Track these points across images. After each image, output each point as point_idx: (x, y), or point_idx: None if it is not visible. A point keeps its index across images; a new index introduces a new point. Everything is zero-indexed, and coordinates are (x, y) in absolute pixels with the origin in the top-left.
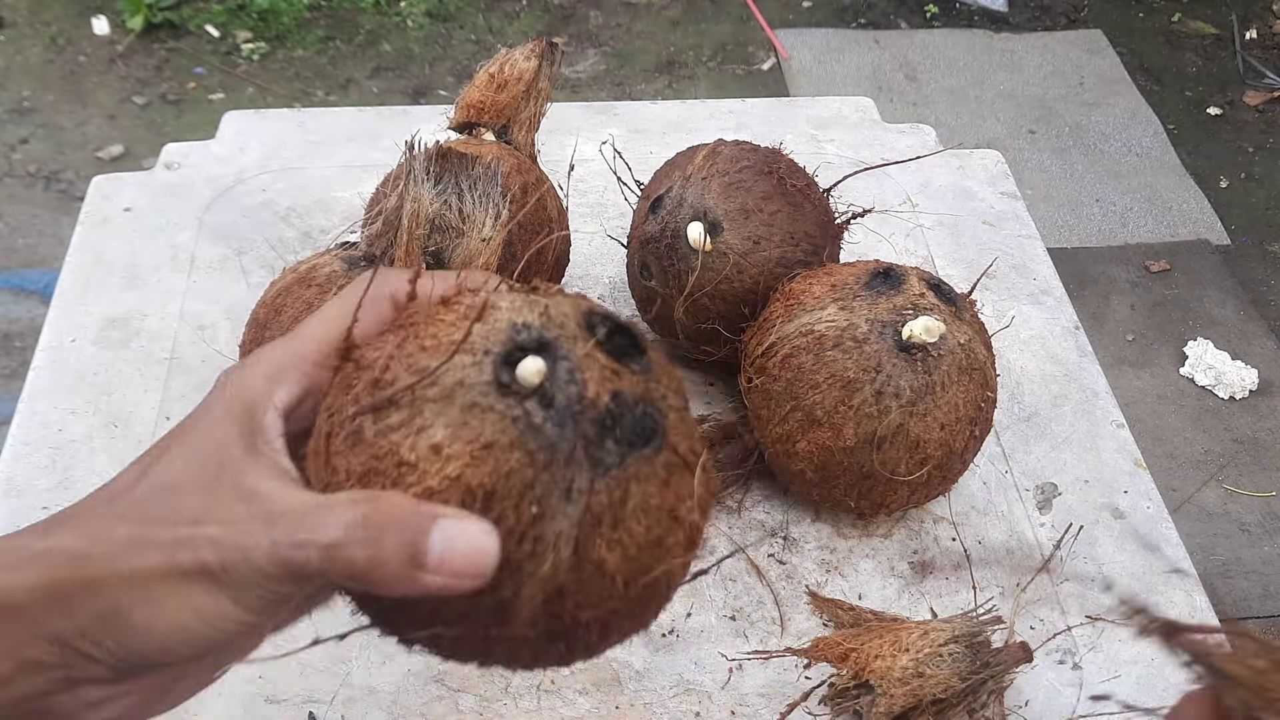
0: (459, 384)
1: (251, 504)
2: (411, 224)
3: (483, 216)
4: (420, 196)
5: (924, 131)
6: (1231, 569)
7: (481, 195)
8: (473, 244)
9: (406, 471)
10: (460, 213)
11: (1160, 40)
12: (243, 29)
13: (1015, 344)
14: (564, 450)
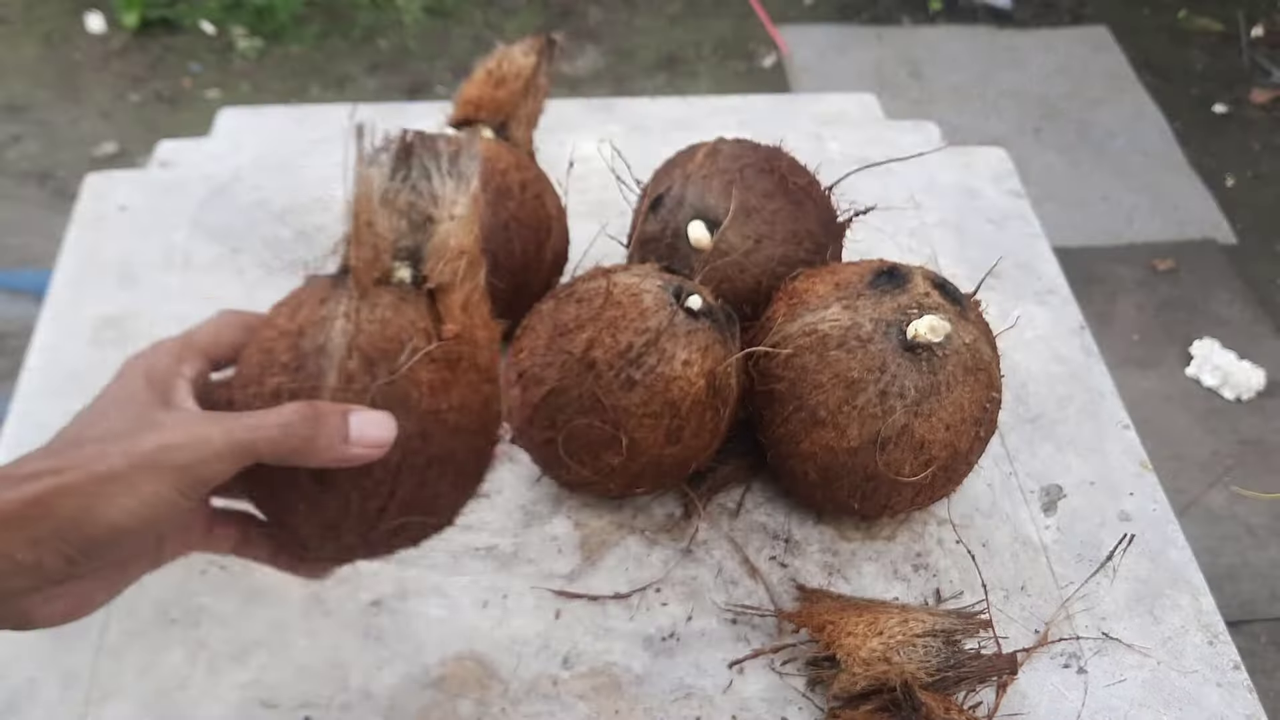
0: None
1: (188, 419)
2: (361, 211)
3: (452, 192)
4: (369, 178)
5: (928, 129)
6: (1238, 571)
7: (450, 170)
8: (445, 227)
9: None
10: (431, 197)
11: (1166, 38)
12: (238, 26)
13: (1020, 344)
14: None
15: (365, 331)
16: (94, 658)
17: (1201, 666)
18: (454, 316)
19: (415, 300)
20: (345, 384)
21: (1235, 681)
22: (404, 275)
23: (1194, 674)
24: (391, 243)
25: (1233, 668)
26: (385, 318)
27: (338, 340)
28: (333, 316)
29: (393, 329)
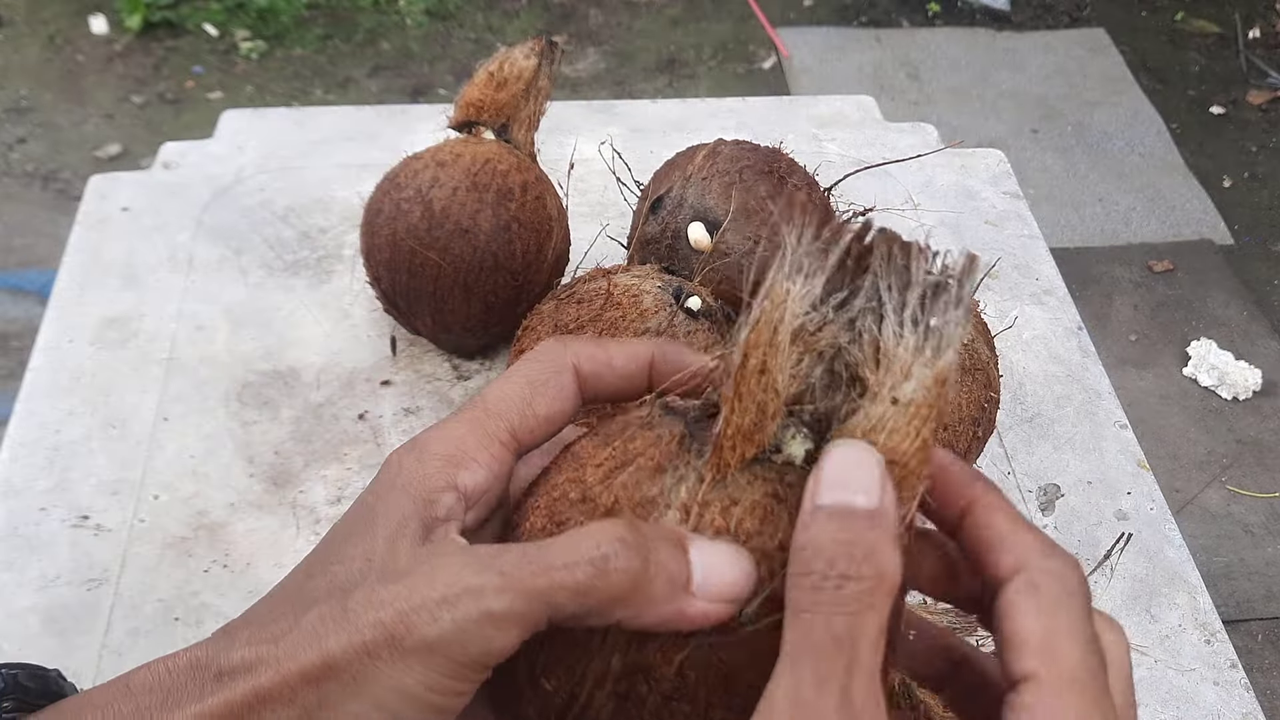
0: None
1: (445, 566)
2: (757, 348)
3: (914, 351)
4: (785, 294)
5: (926, 130)
6: (1235, 570)
7: (920, 311)
8: (880, 409)
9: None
10: (873, 346)
11: (1163, 39)
12: (241, 28)
13: (1018, 344)
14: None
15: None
16: (98, 656)
17: (1198, 665)
18: None
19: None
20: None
21: (1232, 680)
22: (795, 452)
23: (1191, 672)
24: (786, 400)
25: (1229, 666)
26: (746, 527)
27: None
28: (664, 502)
29: (756, 545)
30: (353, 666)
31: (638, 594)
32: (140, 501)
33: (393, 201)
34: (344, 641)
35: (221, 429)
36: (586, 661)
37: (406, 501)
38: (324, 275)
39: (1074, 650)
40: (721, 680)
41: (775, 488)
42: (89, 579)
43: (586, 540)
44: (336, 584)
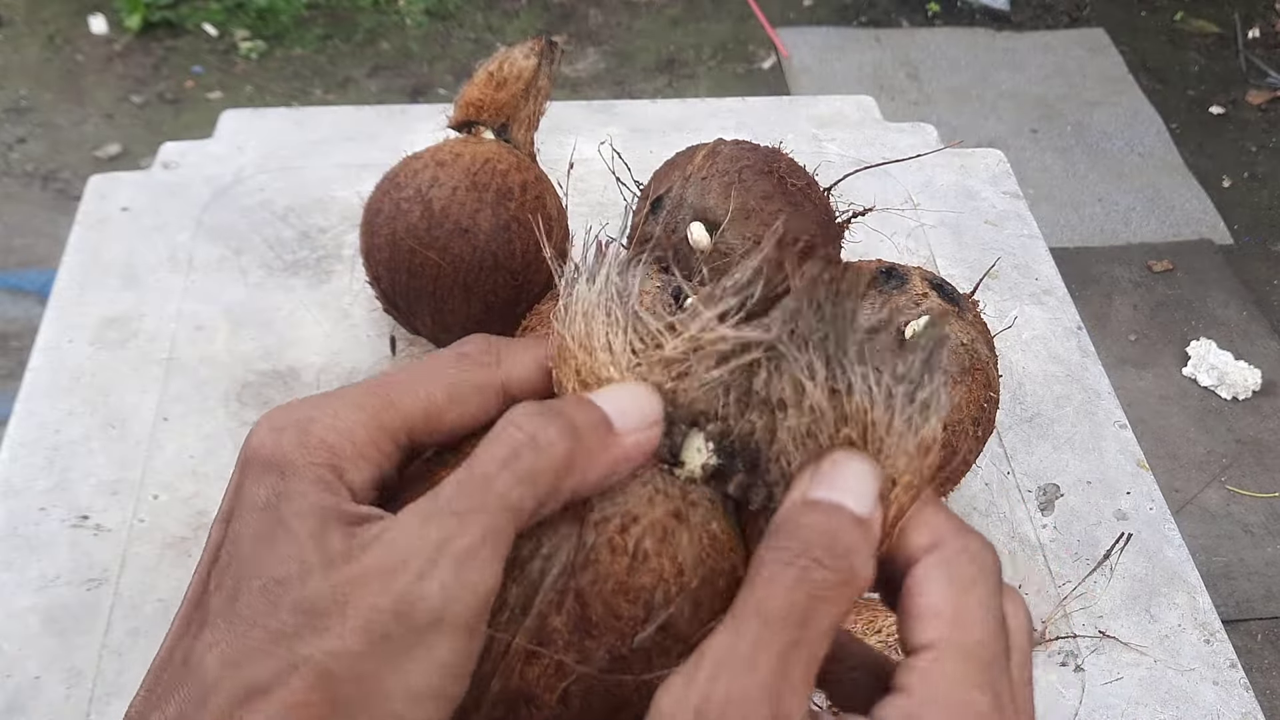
0: None
1: (395, 534)
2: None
3: (890, 417)
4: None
5: (926, 130)
6: (1234, 570)
7: (897, 377)
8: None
9: None
10: (833, 396)
11: (1163, 39)
12: (241, 28)
13: (1017, 344)
14: None
15: (599, 562)
16: (98, 656)
17: (1198, 665)
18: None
19: (705, 515)
20: (530, 650)
21: (1231, 680)
22: (694, 463)
23: (1191, 672)
24: (691, 414)
25: (1229, 666)
26: (645, 547)
27: (556, 561)
28: (559, 518)
29: (654, 566)
30: (356, 674)
31: (576, 454)
32: (140, 501)
33: (392, 201)
34: (338, 641)
35: (221, 429)
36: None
37: (314, 489)
38: (324, 275)
39: (982, 624)
40: (607, 709)
41: (677, 506)
42: (89, 579)
43: (506, 433)
44: (276, 589)
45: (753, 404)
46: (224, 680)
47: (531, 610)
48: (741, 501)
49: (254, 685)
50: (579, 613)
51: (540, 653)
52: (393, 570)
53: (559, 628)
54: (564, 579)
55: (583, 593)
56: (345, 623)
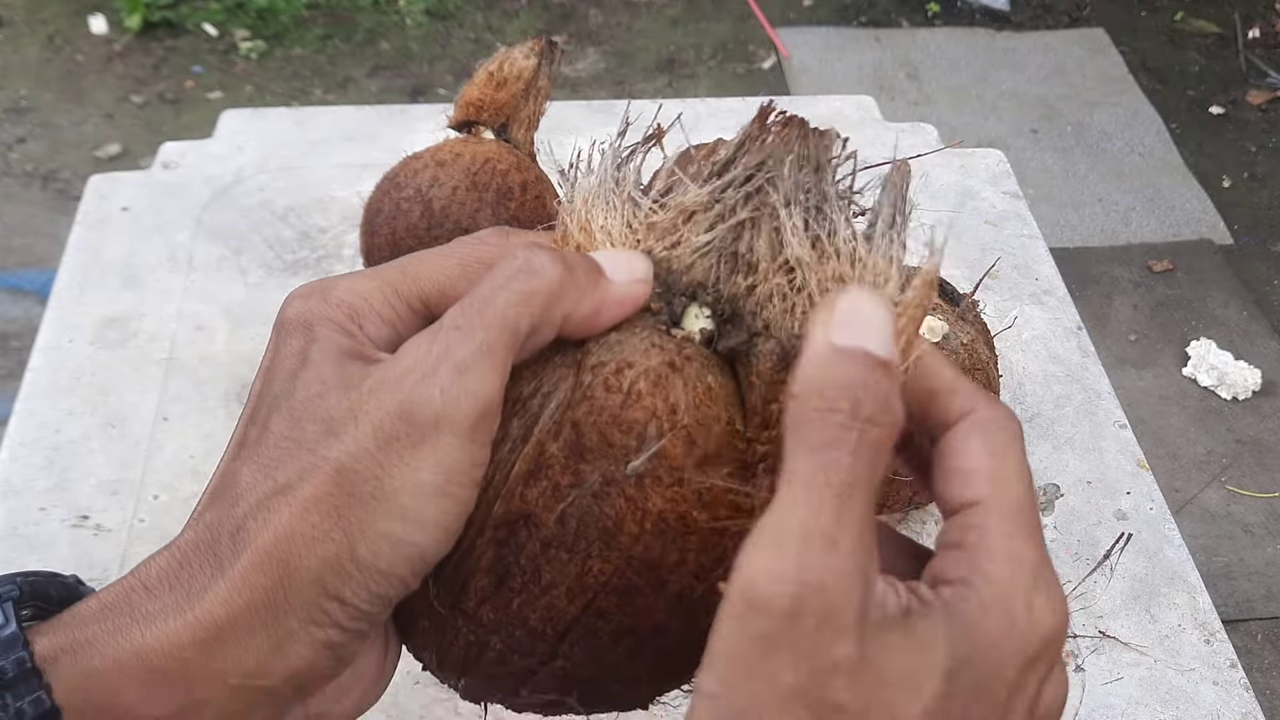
0: None
1: (401, 355)
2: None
3: (874, 252)
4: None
5: (926, 130)
6: (1234, 570)
7: (875, 214)
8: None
9: None
10: (816, 244)
11: (1163, 39)
12: (241, 27)
13: (1017, 344)
14: None
15: (594, 398)
16: None
17: (1198, 665)
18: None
19: (700, 369)
20: (529, 471)
21: (1231, 680)
22: (692, 328)
23: (1191, 672)
24: (688, 283)
25: (1229, 666)
26: (639, 388)
27: (554, 398)
28: (559, 361)
29: (648, 404)
30: (370, 470)
31: (568, 284)
32: (140, 501)
33: (392, 201)
34: (354, 442)
35: (221, 429)
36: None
37: (337, 334)
38: (323, 275)
39: (1019, 483)
40: (602, 533)
41: (672, 358)
42: (89, 579)
43: (506, 261)
44: (302, 412)
45: (739, 266)
46: (255, 485)
47: (530, 439)
48: (734, 359)
49: (280, 485)
50: (574, 439)
51: (538, 475)
52: (399, 379)
53: (555, 453)
54: (561, 411)
55: (578, 423)
56: (359, 427)
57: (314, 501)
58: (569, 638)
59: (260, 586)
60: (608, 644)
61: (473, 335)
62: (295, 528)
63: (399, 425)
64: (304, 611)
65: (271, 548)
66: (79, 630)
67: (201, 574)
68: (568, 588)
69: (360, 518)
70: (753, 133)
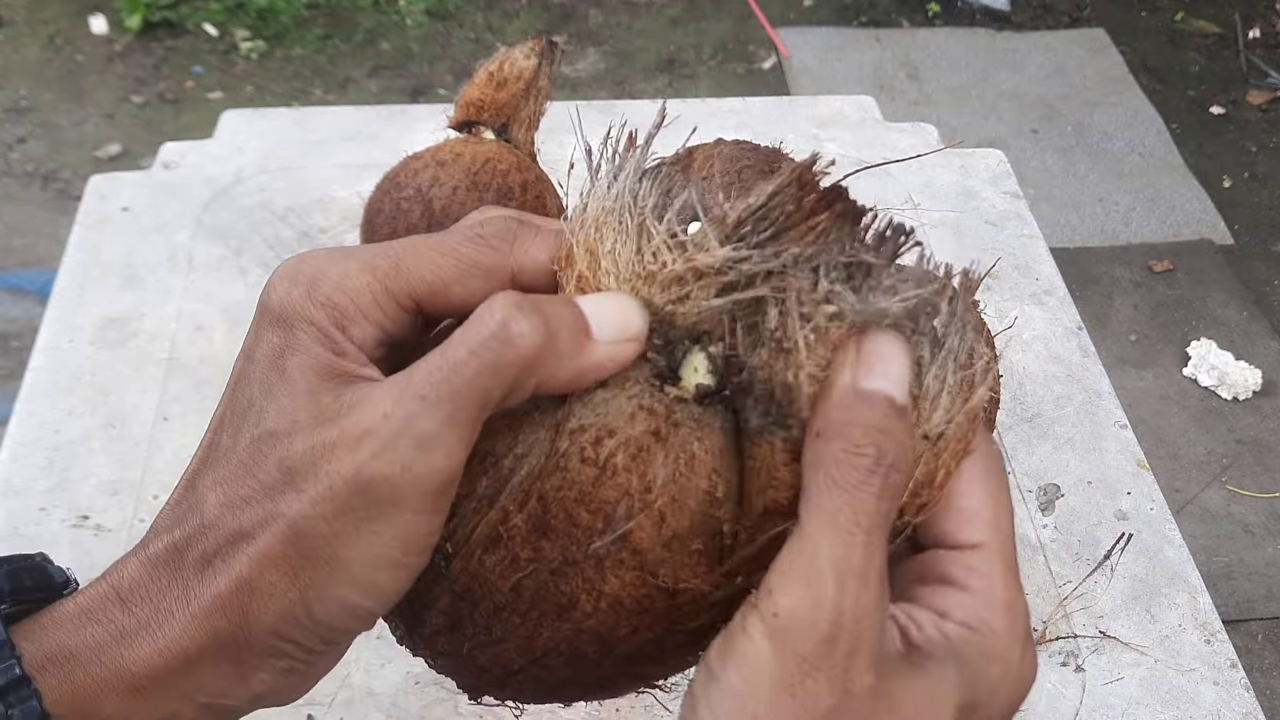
0: None
1: (367, 409)
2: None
3: (940, 386)
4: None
5: (926, 130)
6: (1235, 570)
7: (944, 343)
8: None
9: None
10: (800, 309)
11: (1163, 39)
12: (241, 28)
13: (1018, 344)
14: None
15: (567, 470)
16: None
17: (1198, 665)
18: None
19: (687, 436)
20: (490, 538)
21: (1232, 680)
22: (689, 381)
23: (1191, 672)
24: (690, 329)
25: (1229, 666)
26: (616, 462)
27: (527, 462)
28: (538, 422)
29: (620, 482)
30: (324, 535)
31: (547, 352)
32: (140, 501)
33: (393, 201)
34: (309, 503)
35: None
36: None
37: (317, 345)
38: None
39: (1009, 527)
40: (555, 608)
41: (658, 425)
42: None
43: (483, 318)
44: (266, 438)
45: (763, 340)
46: (220, 520)
47: (496, 504)
48: (738, 417)
49: (241, 530)
50: (540, 514)
51: (498, 543)
52: (358, 442)
53: (519, 524)
54: (530, 481)
55: (545, 496)
56: (316, 487)
57: (270, 560)
58: (517, 678)
59: (221, 629)
60: (553, 688)
61: (439, 407)
62: (253, 581)
63: (354, 497)
64: (263, 650)
65: (232, 596)
66: (62, 638)
67: (169, 595)
68: (517, 645)
69: (313, 580)
70: (788, 188)
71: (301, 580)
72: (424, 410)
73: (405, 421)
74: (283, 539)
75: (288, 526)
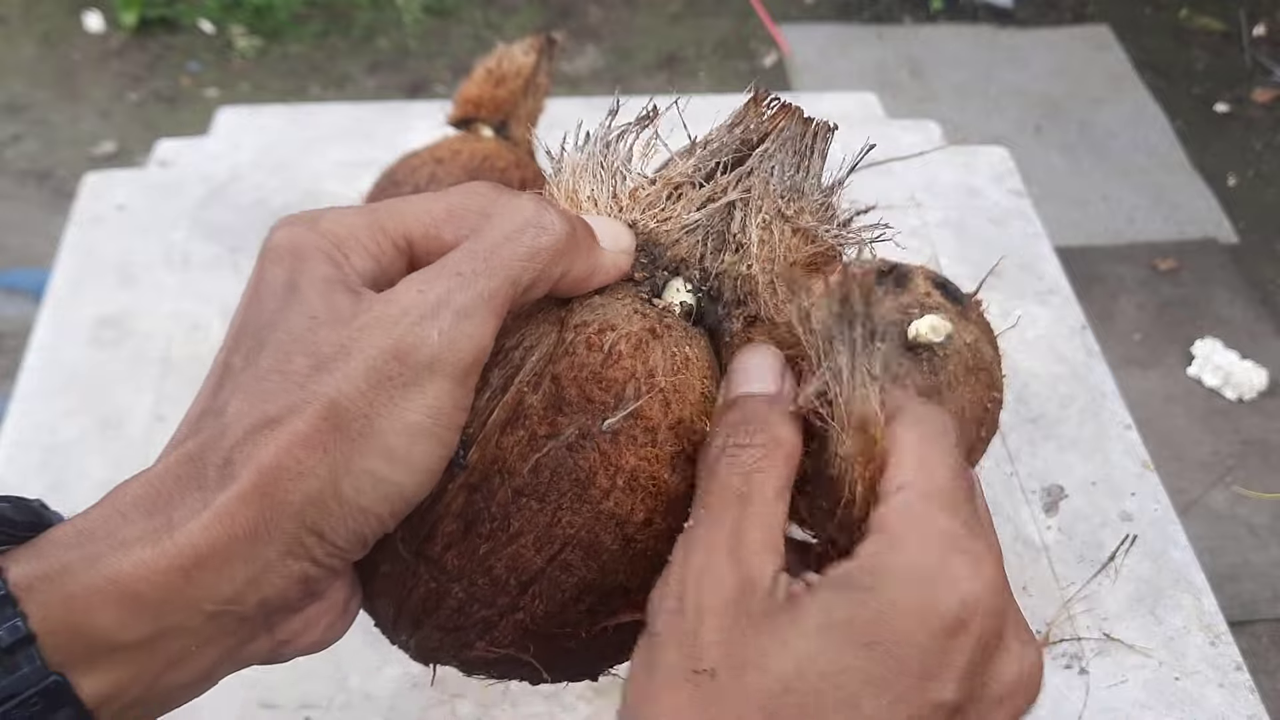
0: None
1: (397, 292)
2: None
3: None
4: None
5: (929, 128)
6: (1240, 571)
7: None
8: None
9: None
10: (759, 214)
11: (1168, 36)
12: (237, 24)
13: (1022, 344)
14: None
15: (576, 354)
16: None
17: (1203, 667)
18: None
19: (679, 339)
20: (507, 420)
21: (1237, 682)
22: (672, 299)
23: (1196, 675)
24: (673, 259)
25: (1235, 668)
26: (620, 349)
27: (536, 352)
28: (543, 317)
29: (626, 366)
30: (360, 407)
31: (571, 244)
32: None
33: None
34: (346, 379)
35: None
36: None
37: (325, 265)
38: None
39: (945, 469)
40: (574, 484)
41: (653, 325)
42: None
43: (516, 213)
44: (292, 345)
45: (726, 244)
46: (242, 416)
47: (510, 388)
48: (714, 334)
49: (268, 418)
50: (554, 392)
51: (516, 424)
52: (395, 319)
53: (534, 404)
54: (542, 364)
55: (559, 376)
56: (350, 364)
57: (302, 437)
58: (532, 589)
59: (244, 519)
60: (569, 599)
61: (475, 282)
62: (282, 462)
63: (392, 365)
64: (283, 545)
65: (258, 480)
66: (54, 557)
67: (184, 503)
68: (535, 537)
69: (346, 454)
70: (745, 114)
71: (332, 455)
72: (461, 285)
73: (444, 294)
74: (317, 416)
75: (323, 403)
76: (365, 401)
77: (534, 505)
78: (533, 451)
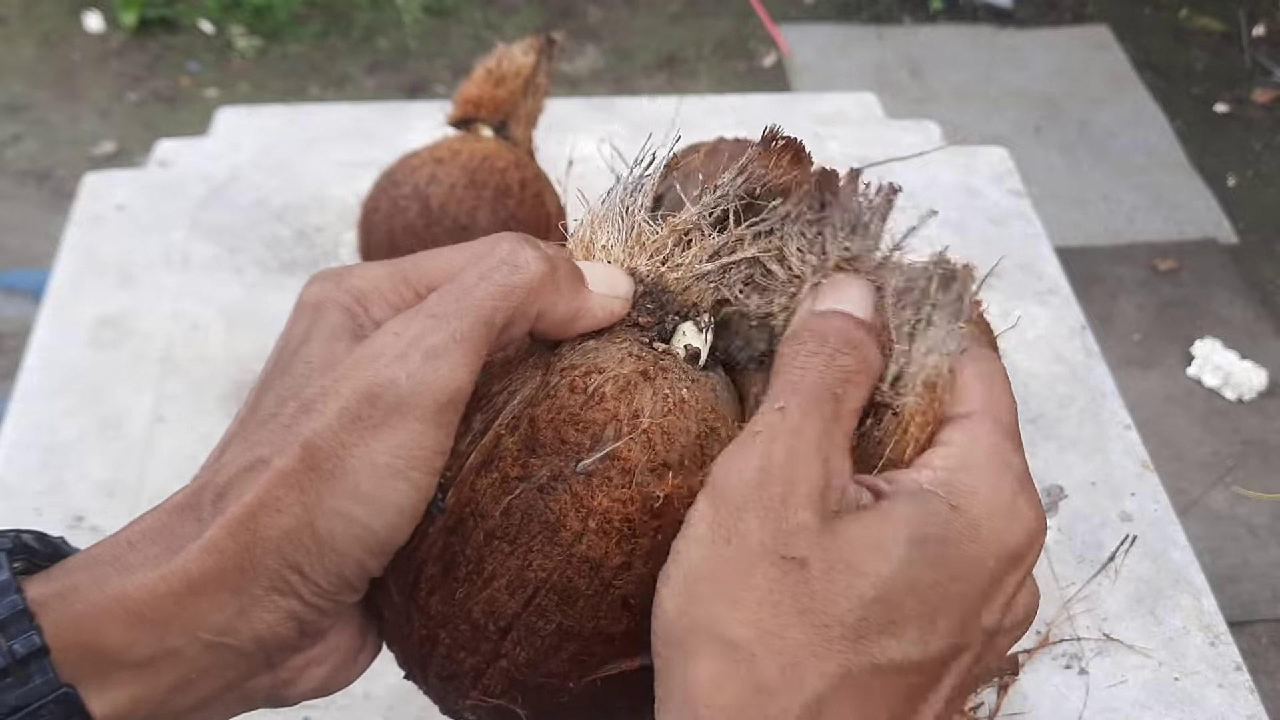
0: None
1: (377, 336)
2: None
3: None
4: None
5: (928, 128)
6: (1240, 572)
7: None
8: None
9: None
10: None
11: (1167, 37)
12: (237, 25)
13: (1021, 344)
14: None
15: (557, 397)
16: None
17: (1203, 667)
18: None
19: (675, 380)
20: (483, 462)
21: (1237, 682)
22: (678, 345)
23: (1195, 675)
24: (685, 305)
25: (1234, 668)
26: (604, 391)
27: (519, 395)
28: (530, 363)
29: (609, 408)
30: (332, 447)
31: (549, 282)
32: (136, 503)
33: (390, 199)
34: (322, 421)
35: (217, 429)
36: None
37: (339, 316)
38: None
39: (1008, 405)
40: (544, 527)
41: (646, 368)
42: None
43: (491, 251)
44: (288, 392)
45: (753, 289)
46: (237, 457)
47: (489, 431)
48: (732, 364)
49: (258, 458)
50: (530, 434)
51: (490, 466)
52: (370, 360)
53: (509, 446)
54: (522, 406)
55: (536, 419)
56: (328, 406)
57: (280, 475)
58: (510, 635)
59: (231, 550)
60: (550, 647)
61: (448, 323)
62: (263, 499)
63: (363, 406)
64: (267, 579)
65: (242, 515)
66: (66, 579)
67: (183, 533)
68: (508, 581)
69: (319, 493)
70: (753, 162)
71: (308, 494)
72: (433, 326)
73: (416, 336)
74: (294, 457)
75: (301, 444)
76: (338, 442)
77: (505, 548)
78: (505, 494)
